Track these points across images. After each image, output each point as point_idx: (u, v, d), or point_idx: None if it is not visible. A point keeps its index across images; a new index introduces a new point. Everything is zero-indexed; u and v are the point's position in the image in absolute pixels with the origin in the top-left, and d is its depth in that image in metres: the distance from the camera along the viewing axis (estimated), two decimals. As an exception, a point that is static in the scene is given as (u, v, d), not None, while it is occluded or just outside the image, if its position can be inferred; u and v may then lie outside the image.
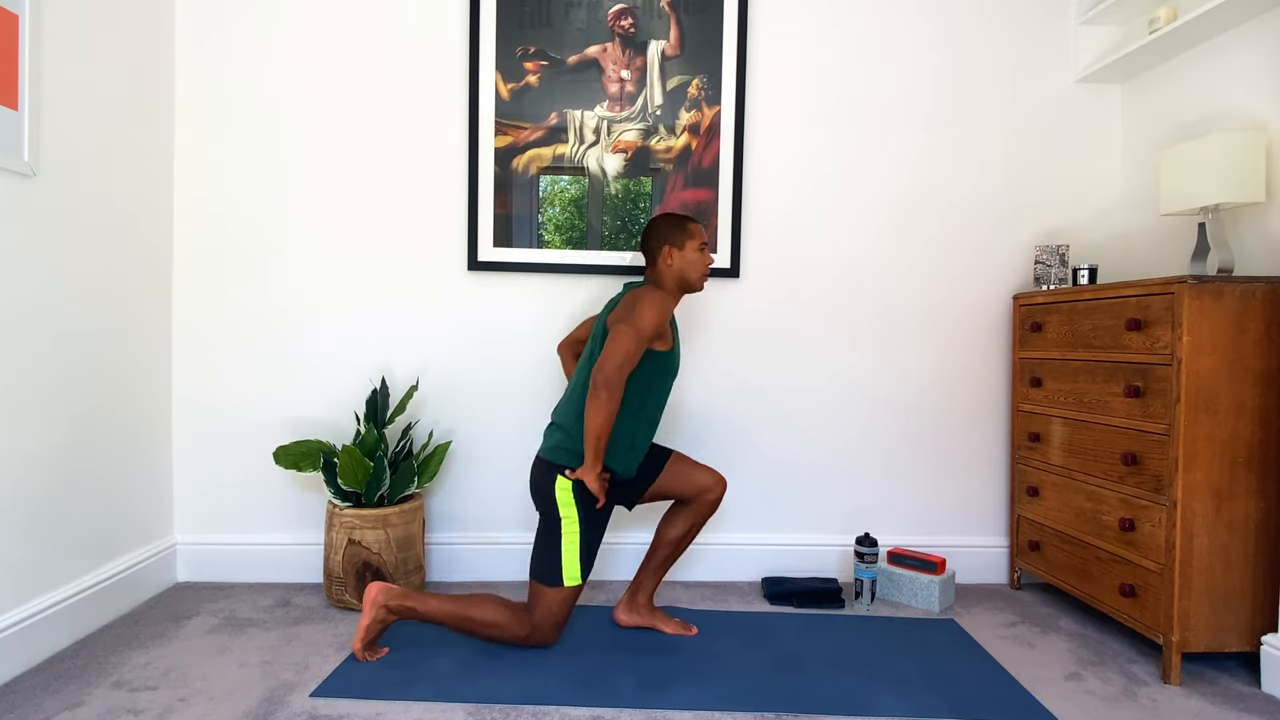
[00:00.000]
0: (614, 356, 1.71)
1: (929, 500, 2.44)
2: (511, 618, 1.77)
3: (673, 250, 1.90)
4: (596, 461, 1.74)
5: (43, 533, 1.76)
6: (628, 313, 1.76)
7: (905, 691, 1.66)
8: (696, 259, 1.91)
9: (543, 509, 1.83)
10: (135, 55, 2.08)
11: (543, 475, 1.82)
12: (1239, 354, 1.70)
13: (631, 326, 1.73)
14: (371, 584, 1.79)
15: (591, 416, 1.71)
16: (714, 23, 2.32)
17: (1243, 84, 1.97)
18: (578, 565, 1.78)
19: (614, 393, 1.70)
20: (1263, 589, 1.73)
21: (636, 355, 1.74)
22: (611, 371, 1.70)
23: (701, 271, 1.92)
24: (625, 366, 1.71)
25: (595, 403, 1.70)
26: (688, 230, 1.91)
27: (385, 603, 1.76)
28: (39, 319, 1.74)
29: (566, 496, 1.79)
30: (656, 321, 1.76)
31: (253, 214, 2.30)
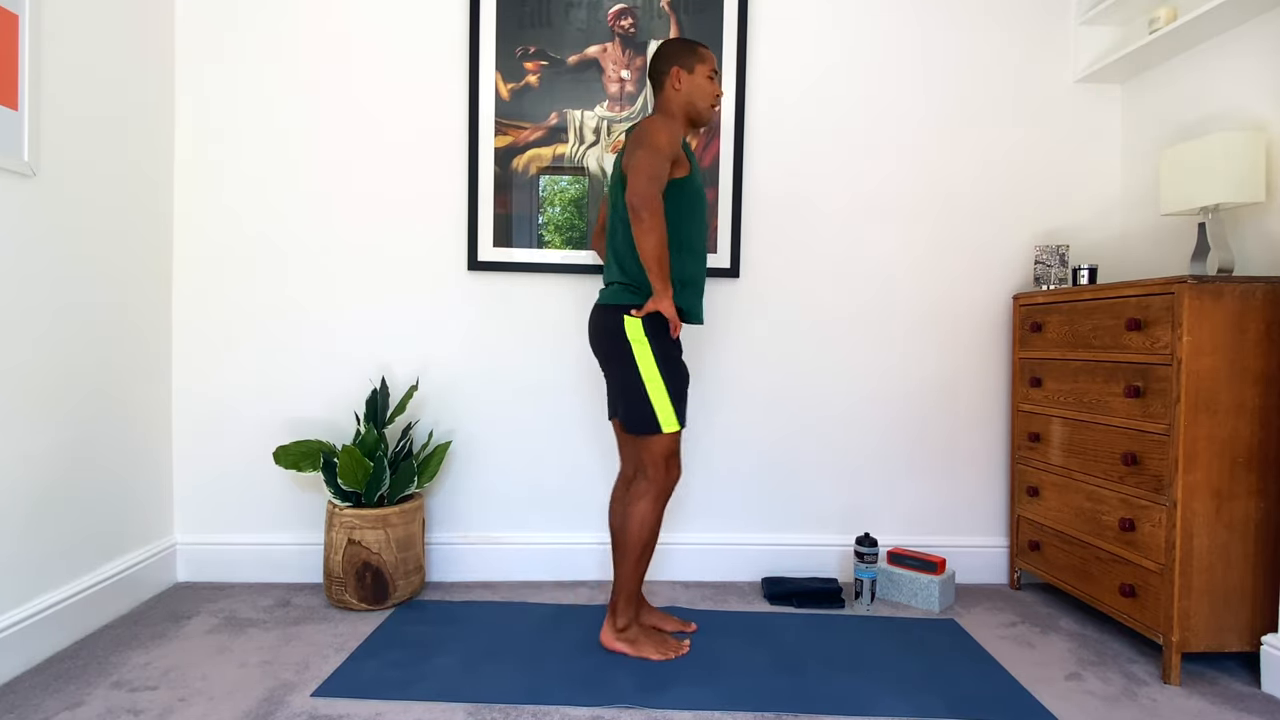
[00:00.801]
0: (640, 176, 1.65)
1: (929, 500, 2.44)
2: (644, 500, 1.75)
3: (681, 72, 1.83)
4: (667, 285, 1.68)
5: (43, 533, 1.76)
6: (637, 142, 1.71)
7: (905, 691, 1.66)
8: (705, 84, 1.84)
9: (613, 355, 1.76)
10: (135, 55, 2.08)
11: (607, 318, 1.77)
12: (1239, 354, 1.70)
13: (646, 147, 1.68)
14: (603, 636, 1.83)
15: (643, 243, 1.65)
16: (714, 23, 2.32)
17: (1243, 84, 1.97)
18: (670, 409, 1.74)
19: (655, 211, 1.64)
20: (1263, 589, 1.73)
21: (662, 172, 1.67)
22: (644, 189, 1.63)
23: (710, 100, 1.85)
24: (654, 180, 1.65)
25: (640, 227, 1.64)
26: (698, 53, 1.84)
27: (622, 631, 1.81)
28: (39, 319, 1.74)
29: (638, 334, 1.73)
30: (669, 139, 1.70)
31: (253, 214, 2.30)
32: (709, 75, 1.85)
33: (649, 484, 1.78)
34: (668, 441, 1.75)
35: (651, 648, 1.80)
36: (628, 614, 1.82)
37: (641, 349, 1.73)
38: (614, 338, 1.75)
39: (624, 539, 1.78)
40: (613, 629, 1.83)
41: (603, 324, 1.78)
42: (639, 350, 1.73)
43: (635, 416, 1.75)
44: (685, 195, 1.79)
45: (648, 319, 1.74)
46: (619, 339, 1.75)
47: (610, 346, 1.77)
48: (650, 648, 1.80)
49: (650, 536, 1.78)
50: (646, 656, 1.78)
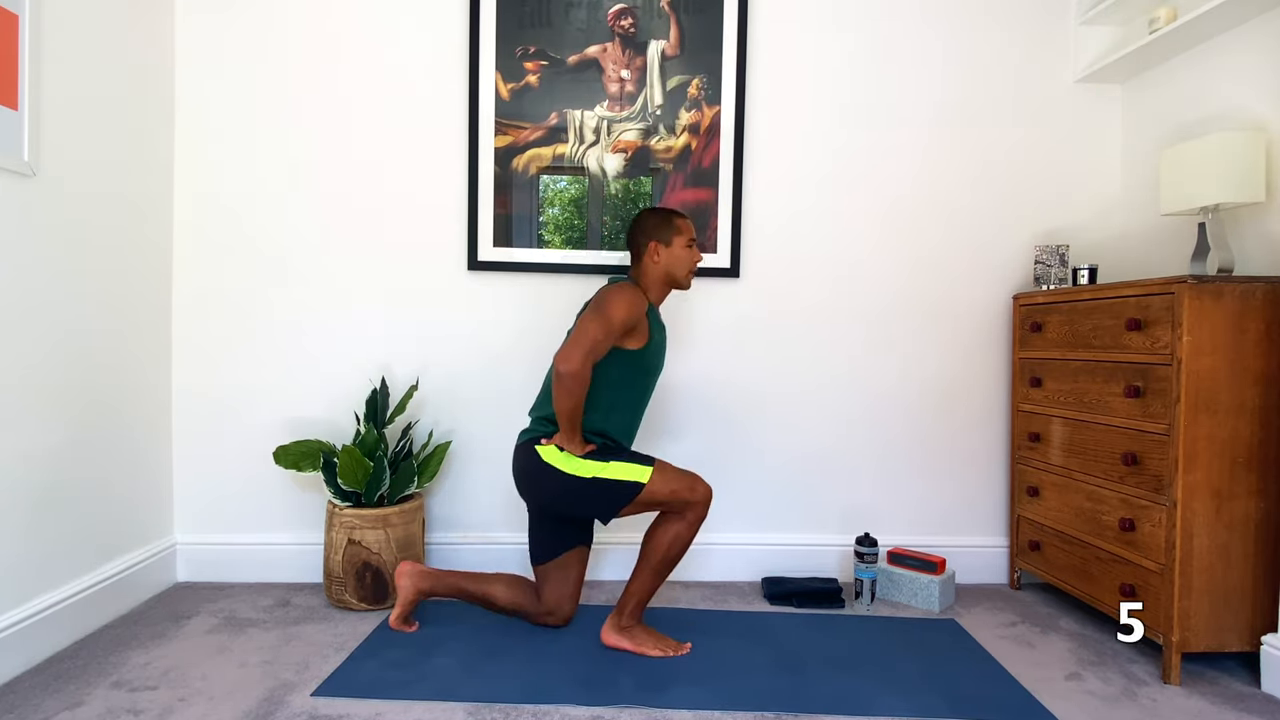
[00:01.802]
0: (579, 343, 1.69)
1: (929, 500, 2.44)
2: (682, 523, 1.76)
3: (659, 246, 1.89)
4: (574, 435, 1.73)
5: (43, 532, 1.76)
6: (596, 305, 1.76)
7: (905, 691, 1.66)
8: (683, 255, 1.89)
9: (541, 489, 1.80)
10: (135, 55, 2.08)
11: (524, 457, 1.82)
12: (1239, 354, 1.70)
13: (598, 315, 1.72)
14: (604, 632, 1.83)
15: (560, 402, 1.70)
16: (714, 23, 2.32)
17: (1243, 84, 1.97)
18: (631, 467, 1.75)
19: (578, 377, 1.68)
20: (1263, 589, 1.73)
21: (603, 346, 1.72)
22: (575, 358, 1.68)
23: (689, 269, 1.91)
24: (591, 353, 1.69)
25: (560, 389, 1.69)
26: (675, 226, 1.89)
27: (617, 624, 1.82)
28: (39, 319, 1.74)
29: (553, 454, 1.77)
30: (625, 315, 1.74)
31: (253, 214, 2.30)
32: (686, 244, 1.89)
33: (690, 509, 1.77)
34: (662, 480, 1.75)
35: (652, 644, 1.80)
36: (634, 615, 1.83)
37: (563, 459, 1.76)
38: (534, 470, 1.79)
39: (654, 553, 1.79)
40: (615, 626, 1.83)
41: (521, 464, 1.83)
42: (561, 462, 1.76)
43: (608, 503, 1.76)
44: (630, 366, 1.83)
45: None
46: (539, 468, 1.78)
47: (535, 479, 1.80)
48: (651, 644, 1.80)
49: (680, 555, 1.79)
50: (646, 653, 1.79)
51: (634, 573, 1.82)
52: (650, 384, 1.91)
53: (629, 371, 1.84)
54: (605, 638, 1.83)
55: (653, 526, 1.81)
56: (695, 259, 1.92)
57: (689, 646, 1.84)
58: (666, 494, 1.75)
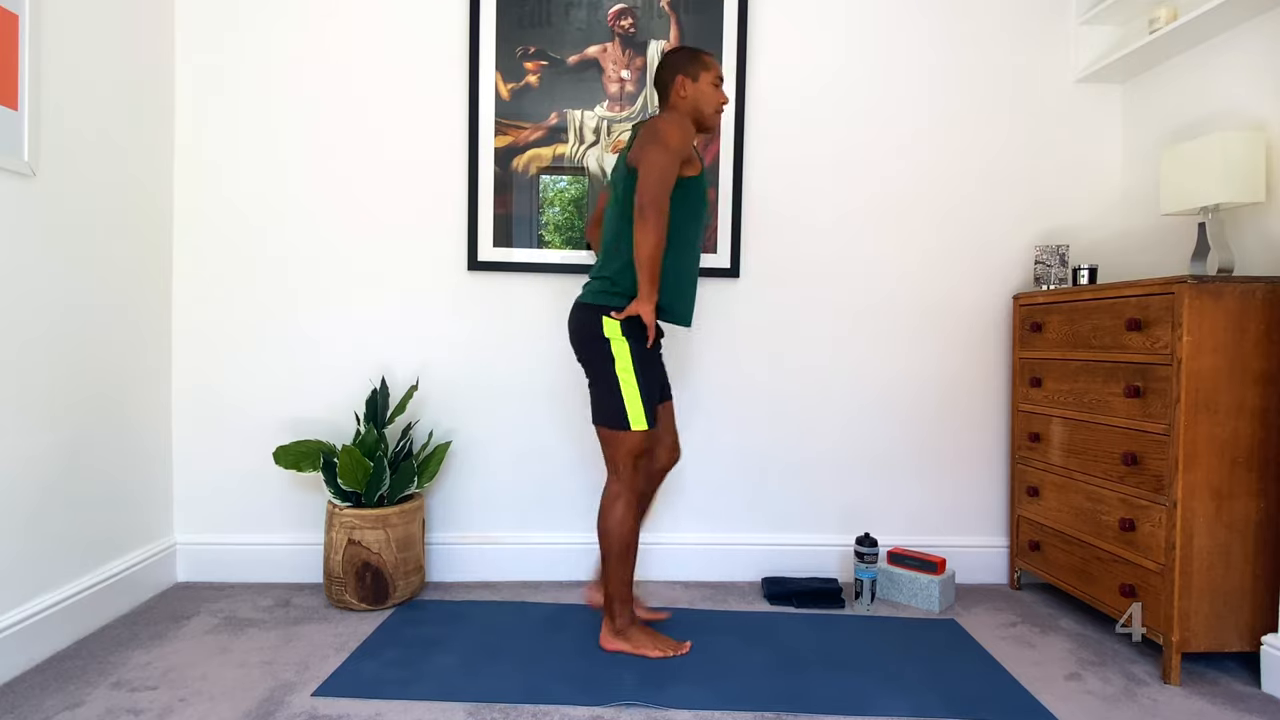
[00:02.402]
0: (652, 173, 1.63)
1: (929, 500, 2.44)
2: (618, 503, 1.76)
3: (686, 80, 1.83)
4: (653, 290, 1.67)
5: (43, 532, 1.76)
6: (649, 137, 1.69)
7: (905, 691, 1.66)
8: (710, 91, 1.83)
9: (587, 356, 1.77)
10: (135, 55, 2.08)
11: (586, 317, 1.76)
12: (1239, 354, 1.70)
13: (659, 145, 1.66)
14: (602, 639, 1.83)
15: (641, 241, 1.64)
16: (714, 23, 2.32)
17: (1243, 84, 1.97)
18: (641, 409, 1.74)
19: (661, 212, 1.63)
20: (1263, 589, 1.73)
21: (673, 172, 1.66)
22: (653, 187, 1.62)
23: (715, 106, 1.84)
24: (664, 181, 1.64)
25: (644, 226, 1.63)
26: (703, 61, 1.83)
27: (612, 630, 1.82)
28: (39, 319, 1.74)
29: (616, 333, 1.73)
30: (682, 137, 1.69)
31: (252, 214, 2.30)
32: (713, 82, 1.84)
33: (619, 485, 1.78)
34: (637, 439, 1.76)
35: (650, 645, 1.80)
36: (624, 615, 1.82)
37: (620, 347, 1.73)
38: (592, 337, 1.76)
39: (605, 544, 1.79)
40: (610, 630, 1.83)
41: (581, 322, 1.78)
42: (617, 349, 1.73)
43: (606, 411, 1.76)
44: (689, 195, 1.79)
45: (627, 321, 1.74)
46: (597, 338, 1.75)
47: (585, 348, 1.77)
48: (649, 645, 1.80)
49: (630, 537, 1.78)
50: (645, 654, 1.79)
51: (602, 570, 1.83)
52: (706, 214, 1.86)
53: (692, 201, 1.79)
54: (604, 643, 1.83)
55: (600, 513, 1.81)
56: (721, 99, 1.84)
57: (689, 646, 1.84)
58: (624, 450, 1.76)
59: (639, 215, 1.64)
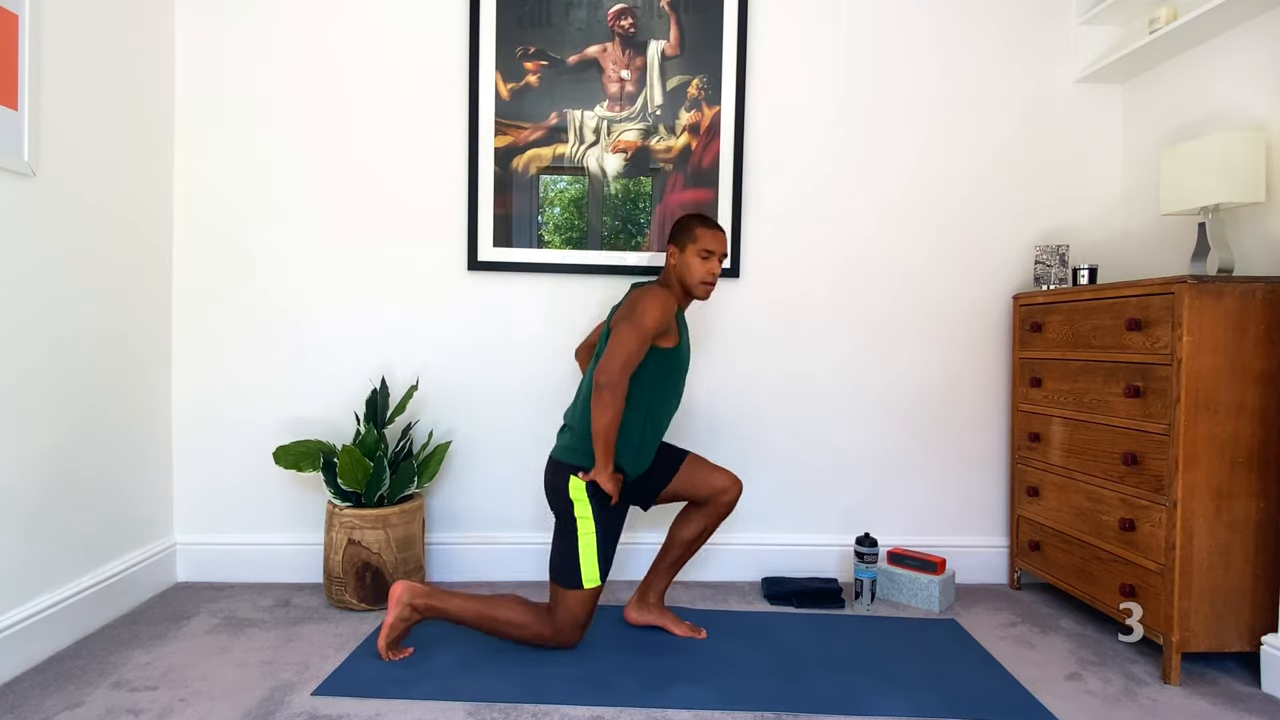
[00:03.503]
0: (616, 356, 1.71)
1: (929, 500, 2.44)
2: (534, 618, 1.77)
3: (675, 250, 1.89)
4: (607, 461, 1.74)
5: (43, 532, 1.76)
6: (629, 311, 1.76)
7: (905, 691, 1.66)
8: (695, 264, 1.86)
9: (558, 510, 1.82)
10: (135, 55, 2.08)
11: (556, 476, 1.82)
12: (1239, 354, 1.70)
13: (632, 325, 1.73)
14: (396, 583, 1.78)
15: (597, 417, 1.71)
16: (714, 23, 2.32)
17: (1243, 84, 1.97)
18: (595, 566, 1.77)
19: (617, 392, 1.70)
20: (1263, 589, 1.73)
21: (639, 353, 1.74)
22: (614, 371, 1.70)
23: (700, 279, 1.86)
24: (628, 366, 1.72)
25: (599, 403, 1.70)
26: (692, 233, 1.87)
27: (410, 601, 1.76)
28: (39, 319, 1.74)
29: (581, 495, 1.78)
30: (658, 318, 1.75)
31: (253, 214, 2.30)
32: (700, 254, 1.86)
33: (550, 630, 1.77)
34: (582, 600, 1.77)
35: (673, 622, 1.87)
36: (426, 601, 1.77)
37: (583, 510, 1.78)
38: (559, 496, 1.81)
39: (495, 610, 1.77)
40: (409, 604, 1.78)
41: (551, 480, 1.84)
42: (580, 511, 1.79)
43: (561, 568, 1.78)
44: (666, 366, 1.84)
45: (591, 484, 1.78)
46: (564, 498, 1.80)
47: (555, 503, 1.83)
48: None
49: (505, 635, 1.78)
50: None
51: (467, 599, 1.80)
52: (681, 381, 1.90)
53: (665, 370, 1.84)
54: (397, 593, 1.78)
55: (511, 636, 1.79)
56: (709, 270, 1.86)
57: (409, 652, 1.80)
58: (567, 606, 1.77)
59: (596, 392, 1.71)
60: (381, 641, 1.75)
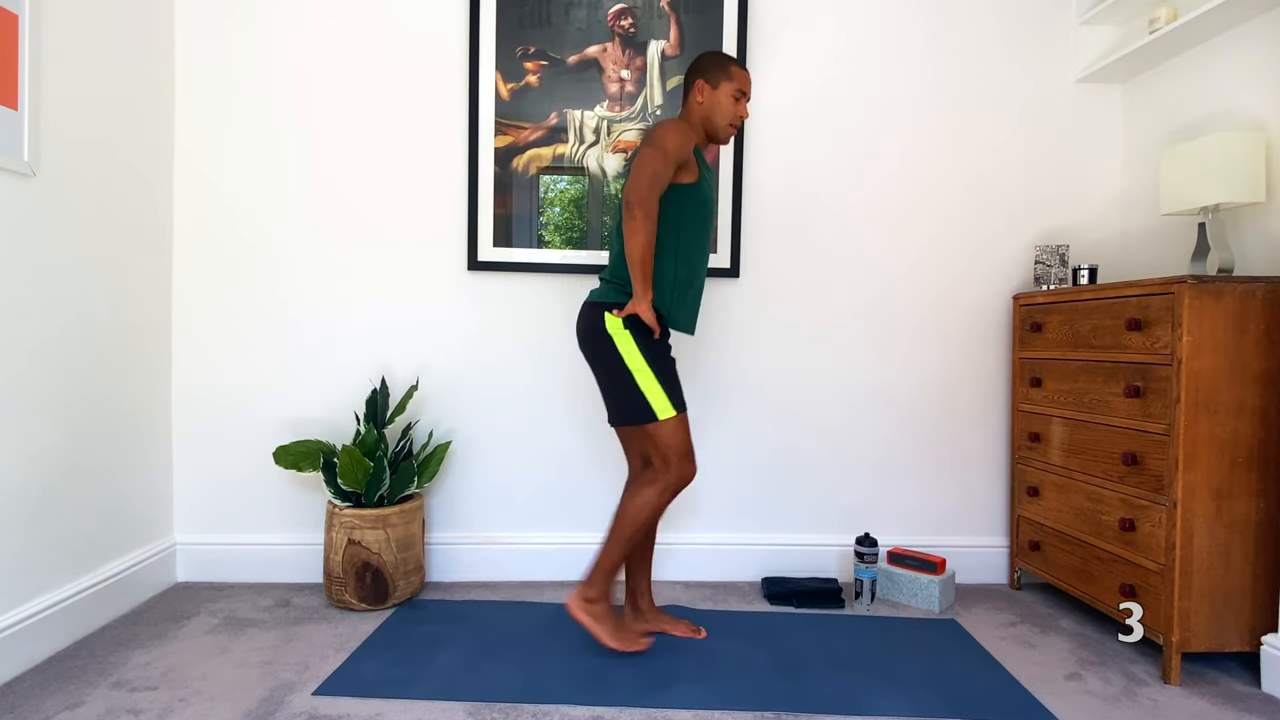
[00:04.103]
0: (641, 174, 1.64)
1: (929, 500, 2.44)
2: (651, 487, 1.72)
3: (705, 86, 1.80)
4: (646, 289, 1.67)
5: (43, 532, 1.76)
6: (647, 141, 1.70)
7: (905, 691, 1.66)
8: (727, 103, 1.80)
9: (599, 356, 1.75)
10: (135, 55, 2.08)
11: (591, 316, 1.76)
12: (1239, 354, 1.70)
13: (653, 146, 1.67)
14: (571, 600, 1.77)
15: (630, 240, 1.64)
16: (714, 23, 2.32)
17: (1243, 84, 1.97)
18: (664, 396, 1.71)
19: (649, 209, 1.63)
20: (1263, 589, 1.73)
21: (665, 173, 1.66)
22: (642, 188, 1.62)
23: (729, 118, 1.81)
24: (655, 182, 1.64)
25: (630, 224, 1.63)
26: (727, 70, 1.80)
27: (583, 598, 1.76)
28: (39, 318, 1.74)
29: (619, 330, 1.72)
30: (679, 142, 1.68)
31: (252, 214, 2.30)
32: (733, 95, 1.80)
33: (658, 475, 1.74)
34: (672, 430, 1.72)
35: (609, 633, 1.76)
36: (599, 587, 1.77)
37: (625, 341, 1.72)
38: (596, 334, 1.75)
39: (620, 515, 1.75)
40: (581, 598, 1.78)
41: (586, 321, 1.77)
42: (621, 342, 1.72)
43: (627, 407, 1.73)
44: (688, 202, 1.77)
45: (630, 318, 1.73)
46: (601, 335, 1.74)
47: (593, 347, 1.76)
48: (608, 632, 1.76)
49: (647, 520, 1.74)
50: (599, 639, 1.76)
51: (603, 541, 1.79)
52: (709, 224, 1.83)
53: (689, 207, 1.77)
54: (570, 605, 1.78)
55: (625, 493, 1.78)
56: (740, 113, 1.81)
57: (650, 644, 1.81)
58: (661, 443, 1.72)
59: (626, 213, 1.64)
60: (618, 645, 1.75)
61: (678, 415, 1.73)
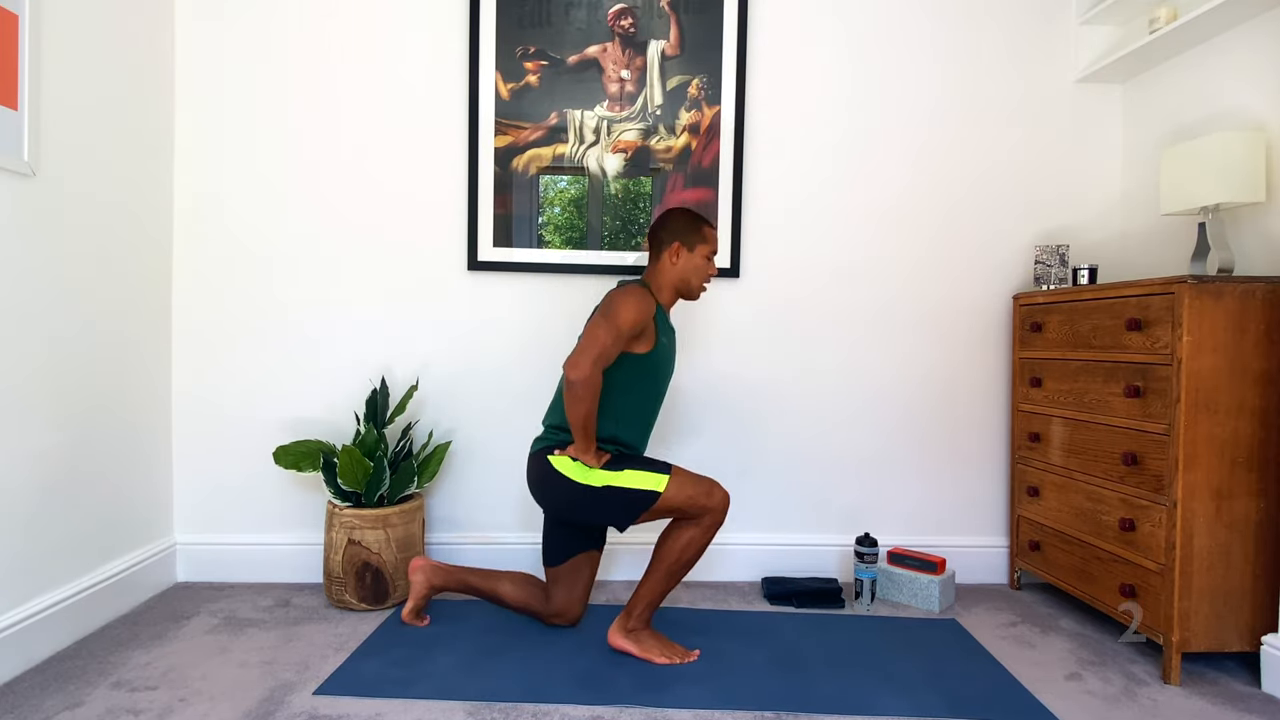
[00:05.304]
0: (587, 349, 1.67)
1: (929, 500, 2.44)
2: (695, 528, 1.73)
3: (682, 249, 1.86)
4: (589, 444, 1.71)
5: (43, 532, 1.76)
6: (606, 307, 1.74)
7: (905, 691, 1.66)
8: (702, 266, 1.87)
9: (555, 498, 1.78)
10: (135, 55, 2.08)
11: (538, 467, 1.80)
12: (1239, 354, 1.70)
13: (607, 320, 1.70)
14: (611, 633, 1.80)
15: (571, 410, 1.68)
16: (714, 23, 2.32)
17: (1243, 84, 1.97)
18: (648, 474, 1.72)
19: (589, 384, 1.66)
20: (1263, 589, 1.73)
21: (612, 351, 1.70)
22: (585, 364, 1.66)
23: (703, 280, 1.89)
24: (600, 359, 1.67)
25: (571, 396, 1.67)
26: (702, 233, 1.86)
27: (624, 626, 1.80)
28: (39, 319, 1.74)
29: (567, 464, 1.75)
30: (634, 318, 1.71)
31: (253, 214, 2.30)
32: (707, 256, 1.87)
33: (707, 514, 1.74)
34: (678, 488, 1.72)
35: (658, 651, 1.78)
36: (641, 618, 1.80)
37: (577, 468, 1.75)
38: (547, 479, 1.78)
39: (665, 555, 1.76)
40: (622, 628, 1.81)
41: (535, 473, 1.81)
42: (575, 470, 1.75)
43: (626, 511, 1.73)
44: (640, 371, 1.80)
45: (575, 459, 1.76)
46: (552, 476, 1.77)
47: (547, 487, 1.78)
48: (657, 651, 1.78)
49: (694, 559, 1.76)
50: (651, 659, 1.77)
51: (645, 575, 1.79)
52: (660, 389, 1.88)
53: (638, 376, 1.82)
54: (612, 639, 1.81)
55: (667, 530, 1.79)
56: (711, 273, 1.90)
57: (697, 654, 1.81)
58: (683, 500, 1.73)
59: (568, 388, 1.68)
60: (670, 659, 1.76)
61: (671, 474, 1.74)
